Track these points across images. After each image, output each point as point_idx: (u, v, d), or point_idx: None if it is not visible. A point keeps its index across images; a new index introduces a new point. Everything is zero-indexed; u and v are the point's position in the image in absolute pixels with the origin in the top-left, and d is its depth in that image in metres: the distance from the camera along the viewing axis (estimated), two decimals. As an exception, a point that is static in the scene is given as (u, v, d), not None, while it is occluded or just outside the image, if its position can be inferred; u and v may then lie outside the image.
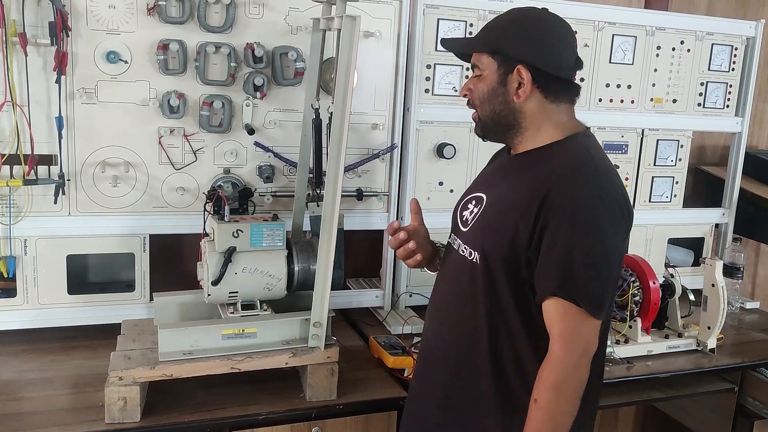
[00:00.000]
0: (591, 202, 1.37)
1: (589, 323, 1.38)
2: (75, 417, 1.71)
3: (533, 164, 1.48)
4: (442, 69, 2.38)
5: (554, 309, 1.38)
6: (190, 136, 2.13)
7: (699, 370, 2.27)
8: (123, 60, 2.02)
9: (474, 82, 1.55)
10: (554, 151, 1.47)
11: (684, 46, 2.71)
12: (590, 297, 1.37)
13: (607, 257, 1.40)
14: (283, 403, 1.82)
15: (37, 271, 2.06)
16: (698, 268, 2.86)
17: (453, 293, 1.58)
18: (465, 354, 1.53)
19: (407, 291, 2.47)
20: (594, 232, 1.37)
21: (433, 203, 2.43)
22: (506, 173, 1.57)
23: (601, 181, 1.41)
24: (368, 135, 2.34)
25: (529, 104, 1.49)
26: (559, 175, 1.40)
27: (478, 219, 1.53)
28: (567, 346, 1.37)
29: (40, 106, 1.96)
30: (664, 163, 2.78)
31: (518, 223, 1.41)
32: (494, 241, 1.46)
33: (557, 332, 1.38)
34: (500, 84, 1.50)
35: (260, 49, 2.09)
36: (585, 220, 1.36)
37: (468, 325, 1.51)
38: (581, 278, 1.36)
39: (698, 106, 2.78)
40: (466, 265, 1.52)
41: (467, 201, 1.61)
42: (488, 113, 1.53)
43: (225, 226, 1.84)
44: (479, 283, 1.48)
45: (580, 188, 1.38)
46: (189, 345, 1.77)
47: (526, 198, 1.41)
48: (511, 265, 1.43)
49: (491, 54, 1.50)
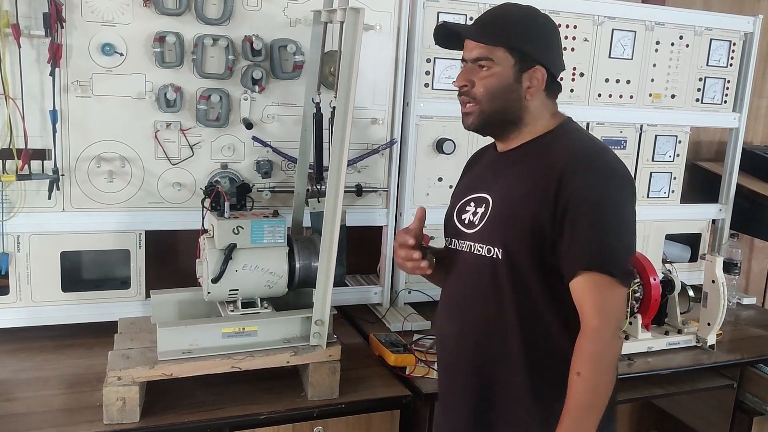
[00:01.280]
0: (606, 177, 1.43)
1: (620, 292, 1.42)
2: (72, 418, 1.68)
3: (534, 154, 1.51)
4: (442, 63, 2.35)
5: (586, 283, 1.41)
6: (187, 130, 2.09)
7: (699, 366, 2.27)
8: (118, 52, 1.97)
9: (476, 74, 1.51)
10: (553, 139, 1.52)
11: (683, 41, 2.70)
12: (621, 266, 1.42)
13: (629, 227, 1.46)
14: (284, 403, 1.80)
15: (31, 268, 2.02)
16: (695, 264, 2.88)
17: (472, 294, 1.55)
18: (496, 352, 1.51)
19: (406, 288, 2.44)
20: (615, 205, 1.42)
21: (433, 199, 2.41)
22: (502, 170, 1.57)
23: (609, 158, 1.47)
24: (367, 130, 2.31)
25: (534, 102, 1.53)
26: (571, 157, 1.44)
27: (490, 217, 1.52)
28: (603, 317, 1.40)
29: (33, 99, 1.92)
30: (662, 159, 2.77)
31: (536, 208, 1.43)
32: (515, 232, 1.47)
33: (591, 305, 1.41)
34: (515, 80, 1.50)
35: (259, 41, 2.05)
36: (605, 194, 1.41)
37: (495, 322, 1.51)
38: (611, 249, 1.41)
39: (696, 102, 2.77)
40: (485, 264, 1.51)
41: (463, 204, 1.60)
42: (496, 108, 1.52)
43: (225, 223, 1.80)
44: (503, 279, 1.48)
45: (593, 166, 1.44)
46: (188, 344, 1.73)
47: (538, 183, 1.44)
48: (536, 251, 1.45)
49: (510, 50, 1.49)
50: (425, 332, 2.25)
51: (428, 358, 2.03)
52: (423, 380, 1.95)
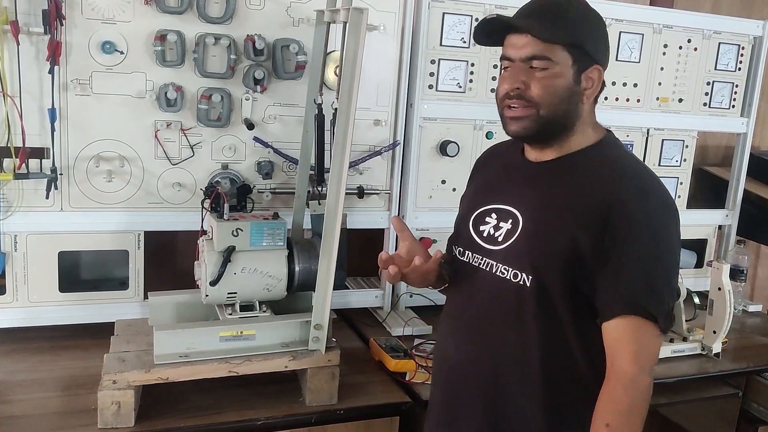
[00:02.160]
0: (661, 211, 1.32)
1: (659, 339, 1.33)
2: (66, 421, 1.66)
3: (576, 170, 1.39)
4: (447, 64, 2.32)
5: (626, 327, 1.29)
6: (188, 130, 2.06)
7: (704, 375, 2.23)
8: (119, 50, 1.95)
9: (530, 75, 1.35)
10: (597, 155, 1.41)
11: (691, 44, 2.66)
12: (666, 312, 1.31)
13: (677, 266, 1.36)
14: (282, 408, 1.77)
15: (28, 268, 1.99)
16: (701, 270, 2.85)
17: (489, 320, 1.43)
18: (512, 384, 1.40)
19: (407, 291, 2.41)
20: (669, 243, 1.33)
21: (436, 202, 2.38)
22: (536, 183, 1.43)
23: (661, 187, 1.36)
24: (370, 131, 2.28)
25: (586, 106, 1.41)
26: (621, 180, 1.34)
27: (520, 237, 1.39)
28: (642, 365, 1.29)
29: (32, 97, 1.89)
30: (668, 163, 2.74)
31: (577, 234, 1.31)
32: (549, 256, 1.34)
33: (632, 352, 1.29)
34: (575, 82, 1.37)
35: (261, 41, 2.03)
36: (661, 230, 1.31)
37: (514, 353, 1.39)
38: (659, 292, 1.30)
39: (704, 106, 2.74)
40: (509, 290, 1.39)
41: (482, 213, 1.48)
42: (556, 113, 1.37)
43: (224, 225, 1.78)
44: (528, 308, 1.36)
45: (649, 196, 1.33)
46: (185, 347, 1.71)
47: (584, 206, 1.32)
48: (570, 279, 1.33)
49: (569, 48, 1.35)
50: (426, 337, 2.22)
51: (429, 364, 2.00)
52: (423, 386, 1.91)
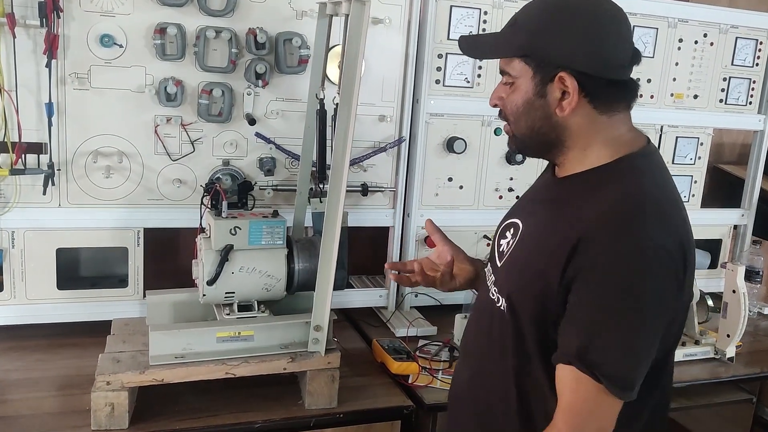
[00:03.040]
0: (629, 256, 1.11)
1: (607, 402, 1.13)
2: (59, 422, 1.62)
3: (574, 195, 1.24)
4: (454, 59, 2.26)
5: (567, 378, 1.15)
6: (188, 125, 2.02)
7: (717, 380, 2.17)
8: (118, 44, 1.91)
9: (505, 91, 1.27)
10: (601, 180, 1.21)
11: (707, 39, 2.59)
12: (615, 374, 1.12)
13: (645, 326, 1.13)
14: (281, 411, 1.73)
15: (25, 264, 1.96)
16: (714, 271, 2.78)
17: (482, 342, 1.37)
18: (496, 413, 1.33)
19: (413, 291, 2.36)
20: (629, 295, 1.12)
21: (442, 200, 2.33)
22: (544, 200, 1.34)
23: (647, 230, 1.13)
24: (375, 127, 2.23)
25: (575, 118, 1.21)
26: (598, 216, 1.15)
27: (509, 256, 1.31)
28: (575, 424, 1.15)
29: (29, 91, 1.85)
30: (683, 161, 2.67)
31: (547, 271, 1.18)
32: (522, 289, 1.24)
33: (566, 404, 1.15)
34: (537, 95, 1.21)
35: (263, 34, 1.98)
36: (619, 279, 1.12)
37: (499, 381, 1.31)
38: (606, 350, 1.12)
39: (720, 103, 2.66)
40: (495, 313, 1.31)
41: (506, 226, 1.38)
42: (525, 130, 1.26)
43: (222, 223, 1.73)
44: (507, 336, 1.27)
45: (620, 235, 1.13)
46: (181, 348, 1.67)
47: (557, 240, 1.18)
48: (539, 318, 1.22)
49: (523, 58, 1.22)
50: (431, 338, 2.17)
51: (432, 366, 1.95)
52: (426, 390, 1.87)
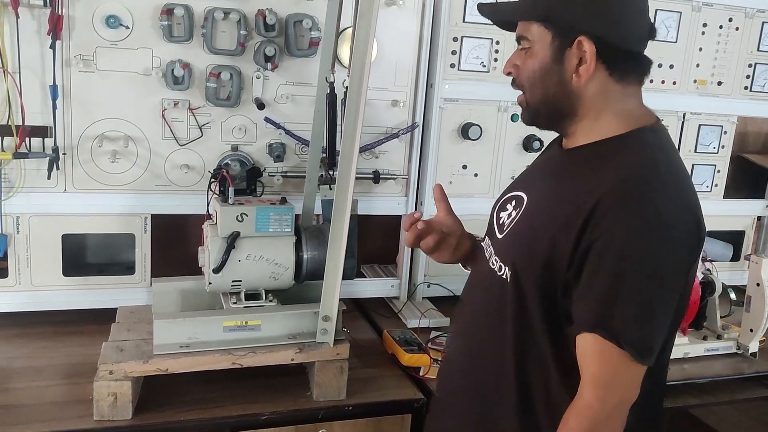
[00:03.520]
0: (648, 224, 1.11)
1: (631, 369, 1.14)
2: (62, 412, 1.59)
3: (585, 165, 1.22)
4: (470, 42, 2.19)
5: (591, 347, 1.14)
6: (196, 109, 1.97)
7: (739, 375, 2.11)
8: (124, 25, 1.86)
9: (521, 58, 1.26)
10: (612, 150, 1.20)
11: (732, 24, 2.49)
12: (636, 339, 1.13)
13: (662, 293, 1.14)
14: (288, 403, 1.69)
15: (30, 250, 1.93)
16: (737, 264, 2.70)
17: (478, 311, 1.36)
18: (490, 383, 1.31)
19: (425, 281, 2.31)
20: (648, 262, 1.12)
21: (456, 188, 2.27)
22: (553, 171, 1.32)
23: (665, 197, 1.13)
24: (387, 113, 2.17)
25: (590, 86, 1.20)
26: (612, 186, 1.14)
27: (513, 226, 1.29)
28: (601, 393, 1.15)
29: (33, 73, 1.81)
30: (705, 150, 2.58)
31: (557, 238, 1.17)
32: (528, 257, 1.22)
33: (591, 375, 1.15)
34: (555, 61, 1.21)
35: (272, 16, 1.92)
36: (638, 246, 1.11)
37: (494, 351, 1.29)
38: (626, 317, 1.12)
39: (745, 90, 2.57)
40: (495, 282, 1.29)
41: (507, 200, 1.37)
42: (539, 97, 1.25)
43: (228, 209, 1.69)
44: (508, 305, 1.25)
45: (636, 205, 1.12)
46: (187, 337, 1.63)
47: (568, 209, 1.16)
48: (546, 288, 1.20)
49: (543, 22, 1.21)
50: (443, 330, 2.12)
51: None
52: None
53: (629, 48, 1.21)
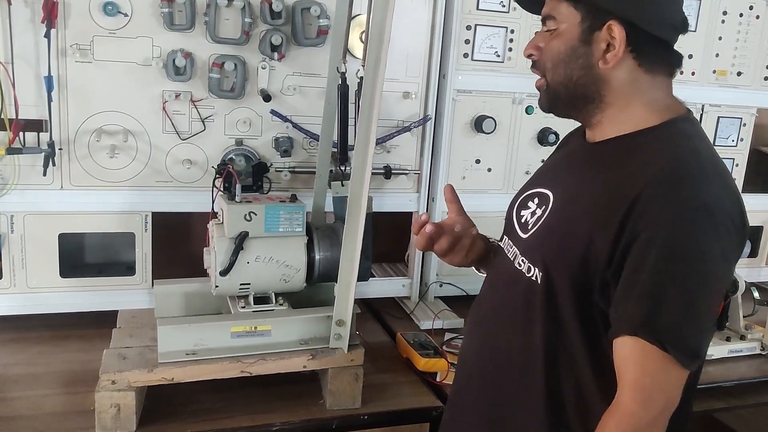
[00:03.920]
0: (695, 216, 1.05)
1: (675, 374, 1.07)
2: (62, 424, 1.51)
3: (617, 157, 1.17)
4: (484, 31, 2.10)
5: (632, 351, 1.08)
6: (198, 101, 1.88)
7: (764, 378, 2.04)
8: (122, 12, 1.77)
9: (545, 38, 1.21)
10: (646, 141, 1.15)
11: (753, 12, 2.42)
12: (683, 343, 1.06)
13: (710, 292, 1.09)
14: (300, 412, 1.61)
15: (26, 250, 1.84)
16: (755, 260, 2.64)
17: (501, 313, 1.29)
18: (514, 388, 1.24)
19: (437, 280, 2.23)
20: (697, 258, 1.06)
21: (469, 183, 2.19)
22: (578, 165, 1.27)
23: (710, 188, 1.09)
24: (398, 105, 2.08)
25: (617, 72, 1.16)
26: (654, 177, 1.08)
27: (541, 225, 1.23)
28: (643, 399, 1.08)
29: (26, 63, 1.72)
30: (724, 143, 2.51)
31: (594, 234, 1.11)
32: (561, 255, 1.16)
33: (632, 380, 1.08)
34: (582, 42, 1.16)
35: (279, 3, 1.83)
36: (686, 241, 1.05)
37: (519, 354, 1.23)
38: (674, 318, 1.06)
39: (765, 81, 2.50)
40: (522, 283, 1.23)
41: (528, 197, 1.31)
42: (562, 79, 1.20)
43: (236, 208, 1.60)
44: (537, 307, 1.19)
45: (681, 197, 1.06)
46: (193, 344, 1.54)
47: (606, 202, 1.11)
48: (582, 286, 1.14)
49: (572, 2, 1.17)
50: (458, 331, 2.04)
51: (462, 363, 1.82)
52: (456, 388, 1.74)
53: (660, 35, 1.16)
